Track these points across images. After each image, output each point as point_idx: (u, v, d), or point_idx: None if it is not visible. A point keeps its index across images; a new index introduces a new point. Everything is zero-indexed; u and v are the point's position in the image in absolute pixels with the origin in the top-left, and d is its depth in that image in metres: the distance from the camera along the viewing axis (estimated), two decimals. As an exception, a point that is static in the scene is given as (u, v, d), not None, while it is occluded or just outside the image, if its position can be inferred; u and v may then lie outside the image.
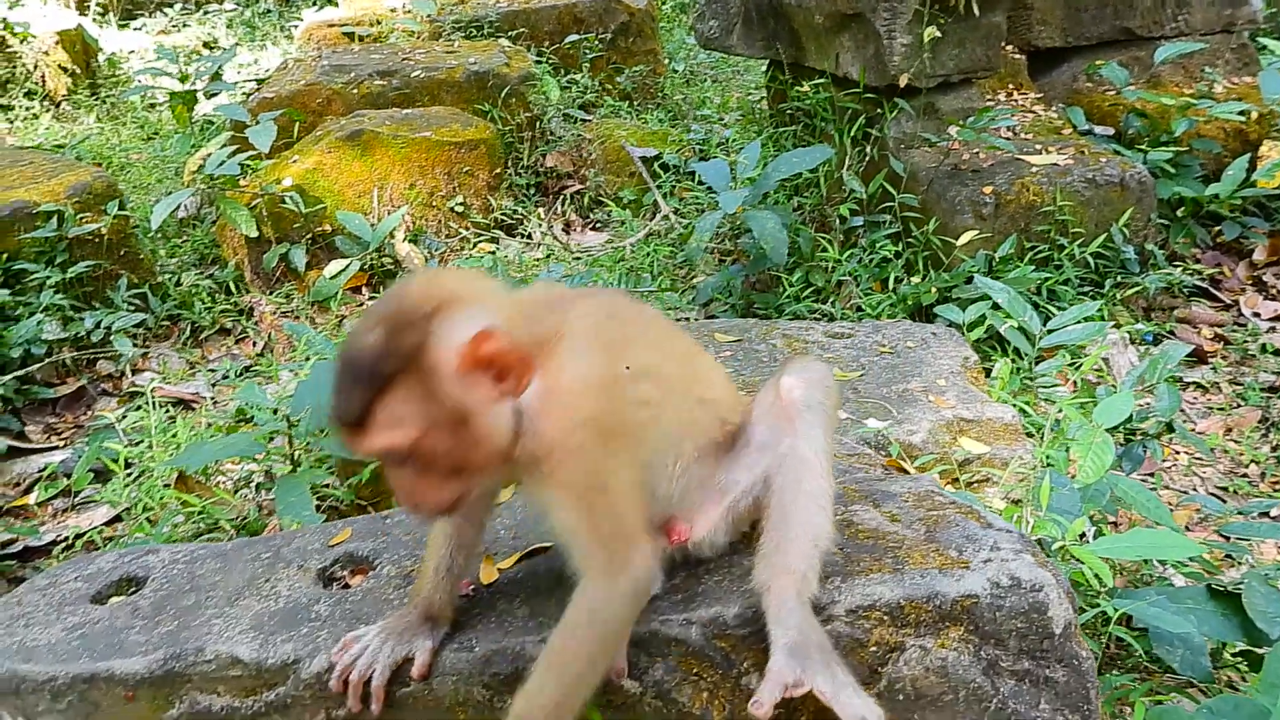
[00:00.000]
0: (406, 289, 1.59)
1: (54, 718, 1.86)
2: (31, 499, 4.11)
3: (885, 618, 1.65)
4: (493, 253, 5.61)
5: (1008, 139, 5.10)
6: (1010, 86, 5.82)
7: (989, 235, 4.70)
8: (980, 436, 2.98)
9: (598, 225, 6.20)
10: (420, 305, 1.53)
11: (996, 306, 3.90)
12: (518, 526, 2.07)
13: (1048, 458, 2.93)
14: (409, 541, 2.08)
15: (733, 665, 1.68)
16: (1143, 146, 5.31)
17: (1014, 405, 3.28)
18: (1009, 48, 5.78)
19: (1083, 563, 2.38)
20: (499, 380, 1.55)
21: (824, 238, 5.01)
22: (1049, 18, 5.88)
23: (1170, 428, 3.44)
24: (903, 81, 4.98)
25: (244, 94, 7.25)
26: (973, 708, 1.64)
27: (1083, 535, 2.56)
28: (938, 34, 4.78)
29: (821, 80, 5.45)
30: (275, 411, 3.46)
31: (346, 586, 2.01)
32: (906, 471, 2.25)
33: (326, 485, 3.51)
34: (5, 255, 4.87)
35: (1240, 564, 3.27)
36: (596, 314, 1.71)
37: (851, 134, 5.26)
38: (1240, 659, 2.57)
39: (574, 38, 7.68)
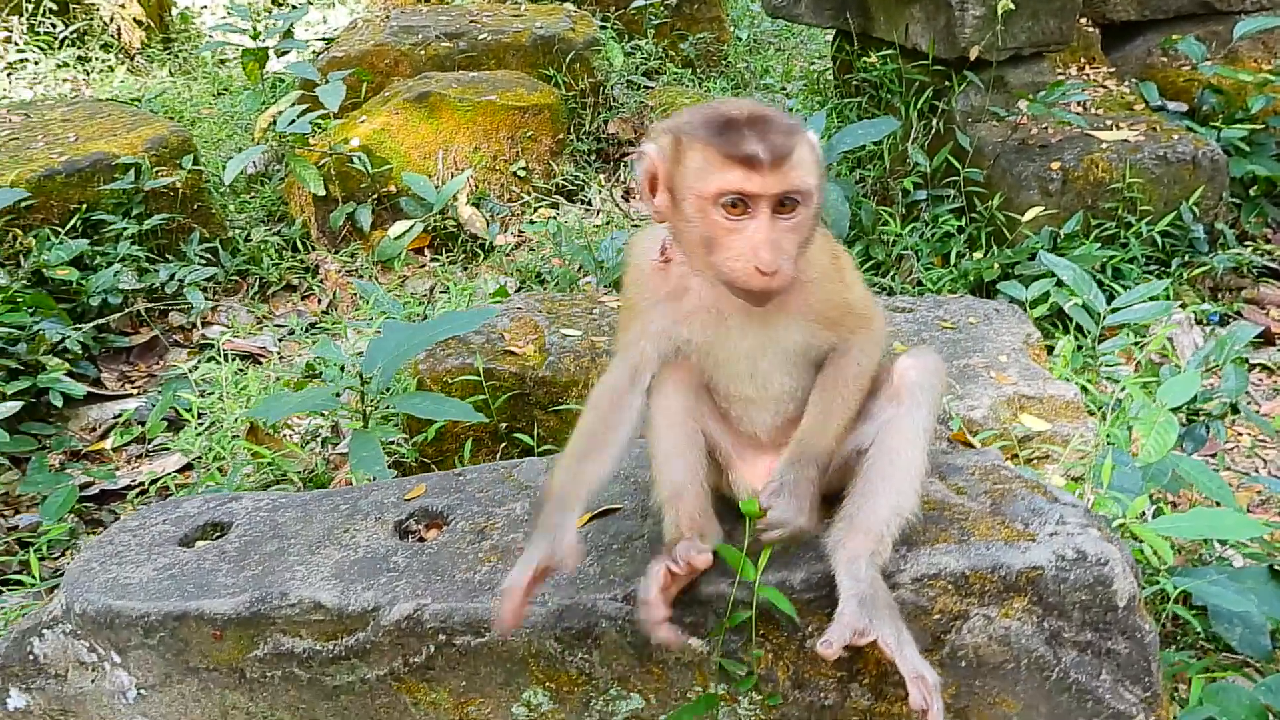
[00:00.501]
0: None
1: (145, 652, 1.96)
2: (107, 444, 4.24)
3: (950, 587, 1.69)
4: (553, 217, 5.65)
5: (1078, 114, 5.03)
6: (1082, 60, 5.74)
7: (1055, 212, 4.66)
8: (1041, 413, 2.99)
9: (658, 193, 6.20)
10: None
11: (1060, 283, 3.88)
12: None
13: (1109, 436, 2.93)
14: (482, 499, 2.14)
15: (798, 628, 1.73)
16: (1217, 124, 5.22)
17: (1076, 383, 3.27)
18: (1083, 20, 5.69)
19: (1142, 540, 2.39)
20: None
21: (886, 211, 5.00)
22: (1126, -11, 5.79)
23: (1235, 409, 3.42)
24: (973, 54, 4.93)
25: (313, 53, 7.33)
26: (1034, 676, 1.68)
27: (1143, 514, 2.56)
28: (1011, 6, 4.72)
29: (889, 51, 5.41)
30: (343, 369, 3.54)
31: (421, 540, 2.08)
32: (971, 445, 2.27)
33: (393, 442, 3.60)
34: (85, 206, 4.99)
35: (1303, 548, 3.24)
36: None
37: (918, 106, 5.22)
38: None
39: (639, 3, 7.65)
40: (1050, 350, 3.66)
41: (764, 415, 1.91)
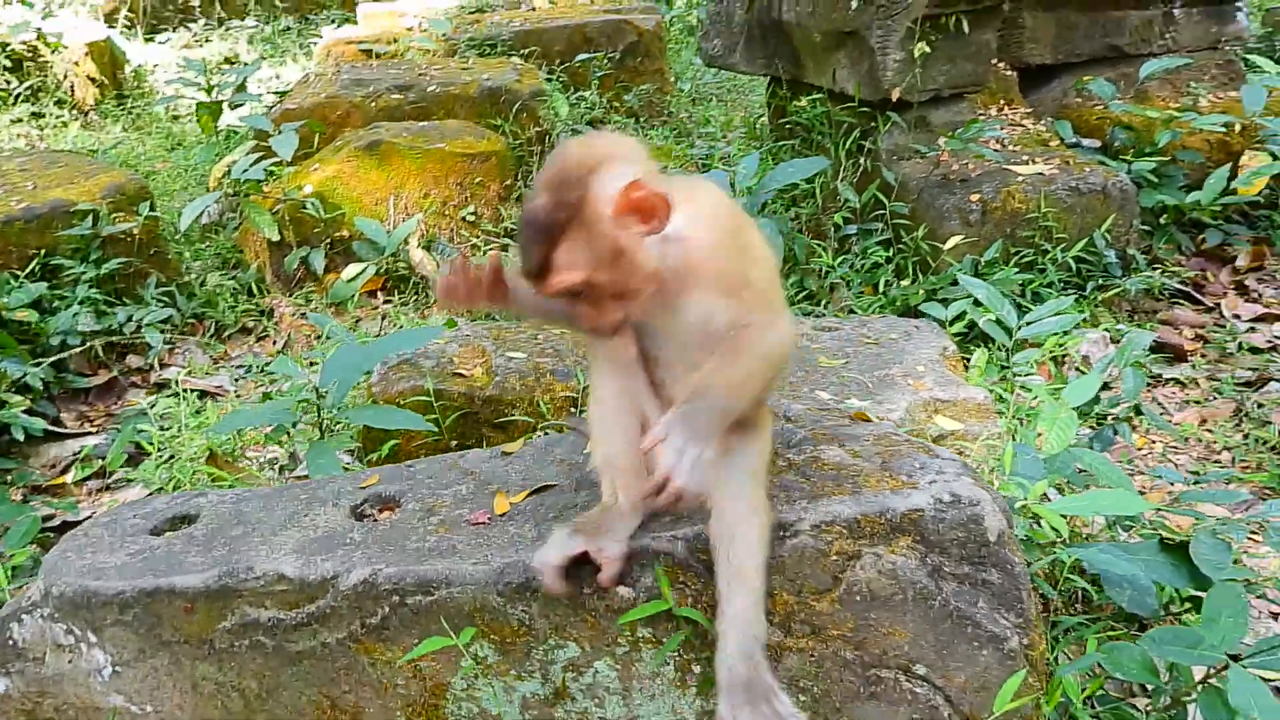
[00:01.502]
0: (566, 154, 1.91)
1: (119, 629, 2.11)
2: (68, 478, 4.36)
3: (844, 531, 1.91)
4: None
5: (996, 150, 5.34)
6: (1001, 102, 6.07)
7: (975, 240, 4.94)
8: (955, 415, 3.22)
9: (603, 234, 6.43)
10: (578, 167, 1.85)
11: (978, 302, 4.15)
12: (527, 471, 2.32)
13: (1012, 428, 3.16)
14: (431, 484, 2.33)
15: (713, 574, 1.92)
16: (1127, 157, 5.55)
17: (988, 388, 3.52)
18: (1000, 64, 6.03)
19: (1042, 518, 2.62)
20: (644, 221, 1.86)
21: (819, 244, 5.27)
22: (1040, 35, 6.12)
23: (1138, 410, 3.67)
24: (895, 95, 5.24)
25: (266, 106, 7.54)
26: (920, 606, 1.89)
27: (1044, 496, 2.79)
28: (927, 50, 5.04)
29: (819, 95, 5.72)
30: (300, 395, 3.71)
31: (375, 521, 2.26)
32: (870, 422, 2.49)
33: (348, 465, 3.76)
34: (43, 251, 5.14)
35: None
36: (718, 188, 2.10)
37: (846, 146, 5.52)
38: (1188, 606, 2.80)
39: (584, 56, 7.96)
40: (967, 363, 3.91)
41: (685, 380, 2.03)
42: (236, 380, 5.14)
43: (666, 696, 1.96)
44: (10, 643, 2.22)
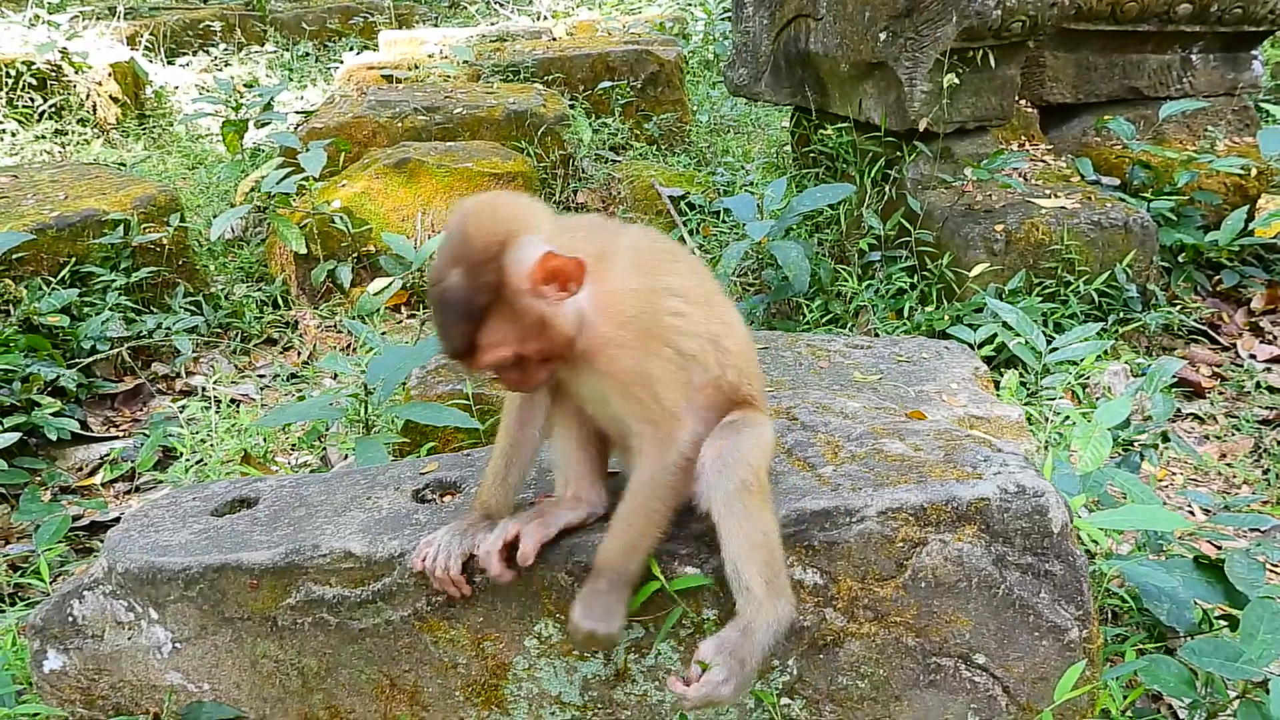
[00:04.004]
0: (469, 226, 1.82)
1: (183, 605, 2.14)
2: (96, 480, 4.40)
3: (911, 518, 1.94)
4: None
5: (1019, 182, 5.42)
6: (1023, 138, 6.17)
7: (999, 269, 5.01)
8: (989, 431, 3.26)
9: (625, 258, 6.51)
10: (489, 242, 1.79)
11: (1006, 326, 4.20)
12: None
13: (1047, 441, 3.20)
14: (491, 471, 2.36)
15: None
16: (1146, 195, 5.63)
17: (1021, 405, 3.56)
18: (1022, 101, 6.13)
19: (1081, 531, 2.65)
20: (562, 287, 1.83)
21: (844, 270, 5.33)
22: (1061, 75, 6.23)
23: (1165, 437, 3.71)
24: (922, 126, 5.31)
25: (292, 126, 7.64)
26: (984, 594, 1.92)
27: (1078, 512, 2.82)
28: (956, 81, 5.12)
29: (844, 124, 5.80)
30: (332, 405, 3.75)
31: (439, 504, 2.29)
32: (926, 419, 2.53)
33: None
34: (74, 258, 5.20)
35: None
36: (639, 239, 2.05)
37: (871, 175, 5.59)
38: (1223, 622, 2.82)
39: (606, 85, 8.08)
40: (997, 385, 3.96)
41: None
42: (262, 389, 5.18)
43: (727, 681, 1.99)
44: (70, 619, 2.25)
